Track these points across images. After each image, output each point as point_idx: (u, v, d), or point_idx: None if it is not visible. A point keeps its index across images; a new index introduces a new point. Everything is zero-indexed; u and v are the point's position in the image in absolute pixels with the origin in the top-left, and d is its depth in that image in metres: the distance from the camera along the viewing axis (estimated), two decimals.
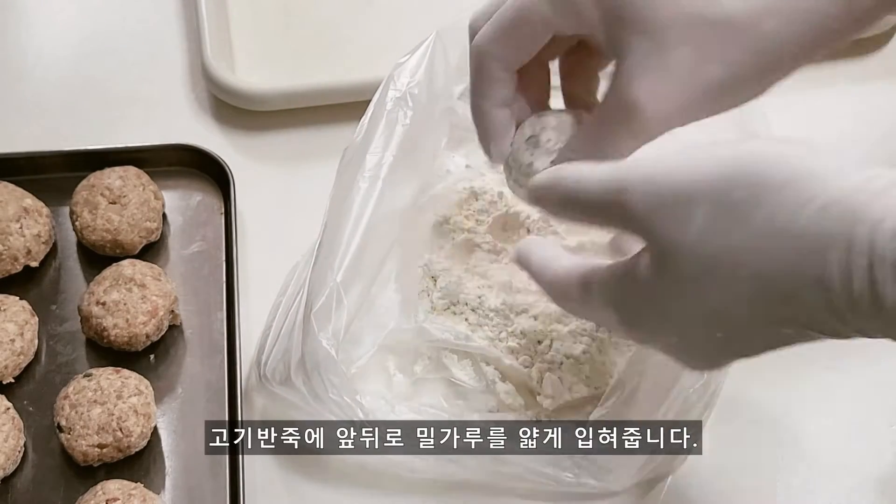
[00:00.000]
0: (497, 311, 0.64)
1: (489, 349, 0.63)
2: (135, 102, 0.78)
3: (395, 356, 0.64)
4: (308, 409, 0.58)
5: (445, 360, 0.64)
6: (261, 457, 0.61)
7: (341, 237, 0.60)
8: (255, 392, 0.63)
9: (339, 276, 0.59)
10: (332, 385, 0.57)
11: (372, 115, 0.64)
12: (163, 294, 0.64)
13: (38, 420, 0.62)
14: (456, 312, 0.65)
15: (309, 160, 0.74)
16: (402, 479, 0.60)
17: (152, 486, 0.59)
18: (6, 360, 0.62)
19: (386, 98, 0.64)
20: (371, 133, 0.63)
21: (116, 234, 0.66)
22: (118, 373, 0.61)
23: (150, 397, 0.61)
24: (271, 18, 0.83)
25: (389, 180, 0.62)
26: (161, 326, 0.64)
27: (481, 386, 0.63)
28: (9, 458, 0.59)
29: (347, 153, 0.63)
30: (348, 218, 0.60)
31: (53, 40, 0.82)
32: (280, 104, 0.76)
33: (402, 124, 0.63)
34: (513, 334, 0.63)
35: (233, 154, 0.73)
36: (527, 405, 0.62)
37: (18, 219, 0.66)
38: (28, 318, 0.64)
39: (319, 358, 0.57)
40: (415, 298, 0.66)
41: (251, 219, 0.71)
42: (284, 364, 0.59)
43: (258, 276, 0.68)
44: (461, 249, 0.68)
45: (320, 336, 0.57)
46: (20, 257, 0.66)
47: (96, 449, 0.59)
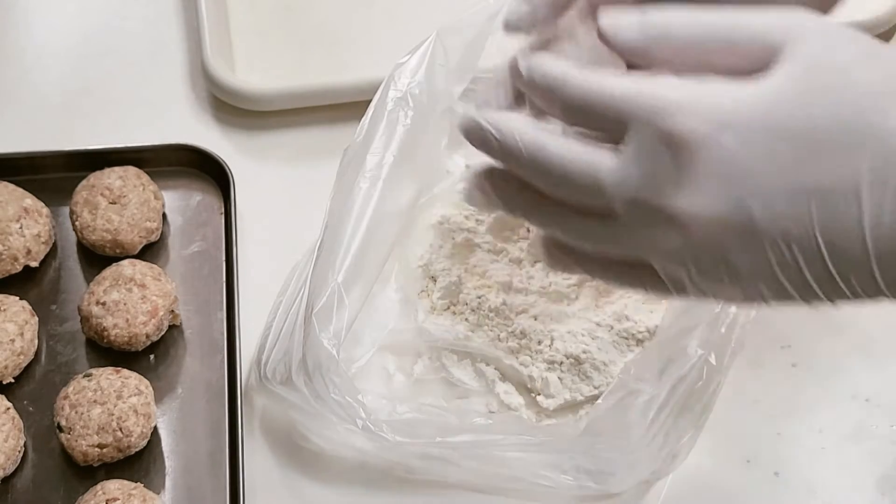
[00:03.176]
0: (497, 310, 0.64)
1: (489, 349, 0.63)
2: (135, 102, 0.78)
3: (395, 356, 0.64)
4: (309, 409, 0.58)
5: (445, 360, 0.64)
6: (261, 457, 0.61)
7: (342, 237, 0.60)
8: (255, 392, 0.63)
9: (340, 276, 0.59)
10: (333, 385, 0.57)
11: (372, 115, 0.64)
12: (163, 294, 0.64)
13: (38, 420, 0.62)
14: (456, 312, 0.65)
15: (309, 160, 0.74)
16: (401, 479, 0.60)
17: (152, 486, 0.59)
18: (6, 360, 0.62)
19: (386, 98, 0.64)
20: (371, 133, 0.63)
21: (116, 234, 0.66)
22: (118, 373, 0.61)
23: (150, 397, 0.61)
24: (271, 18, 0.83)
25: (390, 180, 0.62)
26: (161, 326, 0.64)
27: (481, 386, 0.63)
28: (9, 458, 0.59)
29: (348, 153, 0.63)
30: (349, 218, 0.60)
31: (53, 40, 0.82)
32: (280, 104, 0.76)
33: (403, 124, 0.63)
34: (513, 334, 0.63)
35: (233, 154, 0.73)
36: (527, 405, 0.62)
37: (18, 219, 0.66)
38: (28, 318, 0.64)
39: (321, 358, 0.57)
40: (415, 298, 0.66)
41: (251, 219, 0.71)
42: (285, 364, 0.59)
43: (258, 276, 0.68)
44: (461, 249, 0.68)
45: (321, 336, 0.57)
46: (20, 257, 0.66)
47: (96, 449, 0.59)
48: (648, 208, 0.42)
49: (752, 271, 0.42)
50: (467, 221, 0.69)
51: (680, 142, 0.41)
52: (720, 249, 0.42)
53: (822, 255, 0.41)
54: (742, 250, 0.42)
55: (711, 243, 0.42)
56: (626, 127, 0.42)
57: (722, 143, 0.41)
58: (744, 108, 0.41)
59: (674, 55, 0.44)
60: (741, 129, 0.41)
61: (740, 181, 0.41)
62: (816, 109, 0.41)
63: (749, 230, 0.41)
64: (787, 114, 0.41)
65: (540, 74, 0.45)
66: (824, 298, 0.42)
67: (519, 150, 0.45)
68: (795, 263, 0.41)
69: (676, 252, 0.43)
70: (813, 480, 0.62)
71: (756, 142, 0.41)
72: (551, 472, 0.58)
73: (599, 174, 0.43)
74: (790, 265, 0.41)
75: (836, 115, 0.40)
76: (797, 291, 0.42)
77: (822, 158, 0.40)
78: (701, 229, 0.42)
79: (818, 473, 0.62)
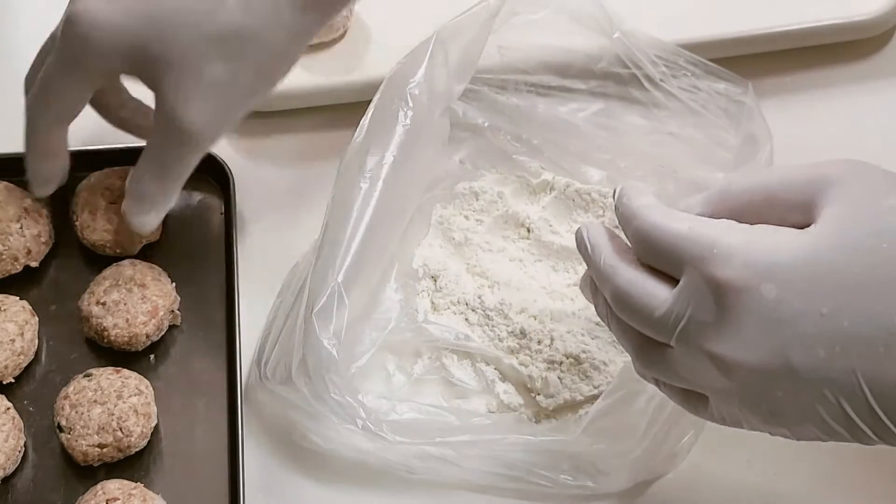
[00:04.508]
0: (497, 310, 0.64)
1: (489, 349, 0.63)
2: None
3: (395, 356, 0.64)
4: (309, 409, 0.58)
5: (445, 360, 0.64)
6: (261, 457, 0.61)
7: (342, 237, 0.60)
8: (255, 392, 0.63)
9: (340, 276, 0.59)
10: (333, 385, 0.57)
11: (372, 115, 0.64)
12: (163, 294, 0.64)
13: (38, 420, 0.62)
14: (456, 312, 0.65)
15: (309, 160, 0.74)
16: (401, 479, 0.60)
17: (152, 486, 0.59)
18: (6, 360, 0.62)
19: (386, 98, 0.64)
20: (371, 133, 0.63)
21: (116, 234, 0.66)
22: (118, 373, 0.61)
23: (150, 397, 0.61)
24: None
25: (389, 180, 0.62)
26: (161, 326, 0.64)
27: (481, 386, 0.63)
28: (9, 458, 0.59)
29: (348, 153, 0.63)
30: (349, 218, 0.60)
31: None
32: (280, 104, 0.76)
33: (403, 125, 0.63)
34: (512, 334, 0.63)
35: (233, 154, 0.73)
36: (526, 405, 0.62)
37: (18, 219, 0.66)
38: (28, 318, 0.63)
39: (321, 358, 0.57)
40: (415, 298, 0.66)
41: (251, 219, 0.71)
42: (285, 364, 0.59)
43: (258, 276, 0.68)
44: (461, 249, 0.68)
45: (322, 336, 0.57)
46: (20, 257, 0.66)
47: (96, 449, 0.59)
48: (695, 348, 0.44)
49: (798, 414, 0.43)
50: (467, 221, 0.69)
51: (724, 288, 0.43)
52: (764, 393, 0.43)
53: (868, 399, 0.41)
54: (786, 395, 0.43)
55: (755, 387, 0.43)
56: (682, 268, 0.45)
57: (763, 292, 0.42)
58: (785, 258, 0.42)
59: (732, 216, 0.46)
60: (782, 278, 0.42)
61: (781, 329, 0.42)
62: (854, 259, 0.42)
63: (791, 376, 0.42)
64: (826, 263, 0.42)
65: (624, 202, 0.49)
66: (876, 439, 0.43)
67: (598, 268, 0.49)
68: (841, 408, 0.42)
69: (724, 390, 0.44)
70: (813, 480, 0.62)
71: (796, 291, 0.42)
72: (551, 471, 0.58)
73: (653, 307, 0.46)
74: (836, 409, 0.42)
75: (873, 264, 0.41)
76: (847, 432, 0.43)
77: (860, 306, 0.41)
78: (744, 374, 0.43)
79: (818, 473, 0.62)
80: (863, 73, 0.78)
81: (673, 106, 0.67)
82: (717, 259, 0.43)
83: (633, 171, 0.69)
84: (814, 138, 0.73)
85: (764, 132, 0.64)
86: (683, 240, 0.45)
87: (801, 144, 0.70)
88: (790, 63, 0.77)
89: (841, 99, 0.77)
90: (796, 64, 0.77)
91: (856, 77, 0.78)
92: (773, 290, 0.42)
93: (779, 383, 0.43)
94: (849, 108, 0.77)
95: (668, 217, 0.47)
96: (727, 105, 0.67)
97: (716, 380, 0.44)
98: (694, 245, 0.44)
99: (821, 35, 0.76)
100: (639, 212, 0.47)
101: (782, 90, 0.77)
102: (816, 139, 0.73)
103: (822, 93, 0.77)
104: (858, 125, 0.75)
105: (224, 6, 0.56)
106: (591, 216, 0.68)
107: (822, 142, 0.73)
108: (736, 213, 0.46)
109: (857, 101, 0.77)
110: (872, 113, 0.76)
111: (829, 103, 0.77)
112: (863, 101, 0.77)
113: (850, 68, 0.78)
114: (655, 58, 0.67)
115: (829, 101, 0.77)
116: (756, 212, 0.46)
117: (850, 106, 0.77)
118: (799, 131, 0.72)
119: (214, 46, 0.56)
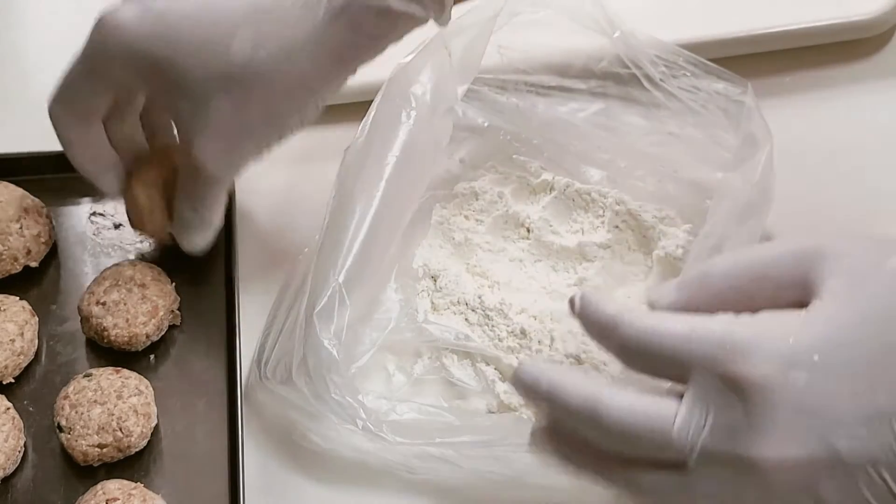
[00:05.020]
0: (497, 310, 0.64)
1: (489, 349, 0.63)
2: None
3: (395, 356, 0.64)
4: (309, 409, 0.58)
5: (445, 360, 0.64)
6: (261, 457, 0.61)
7: (343, 237, 0.60)
8: (255, 392, 0.63)
9: (341, 276, 0.59)
10: (334, 385, 0.57)
11: (374, 115, 0.64)
12: (163, 294, 0.64)
13: (38, 420, 0.62)
14: (456, 312, 0.65)
15: (310, 160, 0.74)
16: (401, 480, 0.60)
17: (152, 486, 0.59)
18: (6, 360, 0.62)
19: (388, 98, 0.64)
20: (373, 133, 0.63)
21: None
22: (118, 373, 0.61)
23: (150, 397, 0.61)
24: None
25: (391, 180, 0.62)
26: (161, 326, 0.64)
27: (481, 386, 0.63)
28: (9, 458, 0.59)
29: (349, 153, 0.63)
30: (350, 218, 0.60)
31: (53, 40, 0.82)
32: None
33: (404, 124, 0.63)
34: (512, 334, 0.63)
35: None
36: (526, 405, 0.62)
37: (18, 219, 0.66)
38: (28, 318, 0.63)
39: (322, 358, 0.57)
40: (415, 298, 0.66)
41: (251, 219, 0.71)
42: (285, 364, 0.59)
43: (258, 276, 0.68)
44: (461, 249, 0.68)
45: (322, 336, 0.57)
46: (20, 257, 0.66)
47: (96, 449, 0.59)
48: (723, 459, 0.41)
49: (840, 498, 0.41)
50: (467, 221, 0.69)
51: (748, 386, 0.40)
52: (806, 487, 0.41)
53: None
54: (830, 482, 0.41)
55: (795, 484, 0.41)
56: (688, 373, 0.41)
57: (792, 383, 0.40)
58: (806, 341, 0.40)
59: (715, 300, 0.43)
60: (808, 363, 0.40)
61: (819, 417, 0.40)
62: (876, 329, 0.40)
63: (836, 462, 0.40)
64: (850, 338, 0.40)
65: (591, 311, 0.44)
66: None
67: (575, 409, 0.43)
68: (885, 483, 0.40)
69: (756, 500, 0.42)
70: None
71: (825, 374, 0.40)
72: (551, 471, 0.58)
73: (665, 427, 0.42)
74: (880, 486, 0.40)
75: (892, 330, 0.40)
76: None
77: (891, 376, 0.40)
78: (784, 472, 0.41)
79: None
80: (863, 73, 0.78)
81: (673, 106, 0.67)
82: (733, 356, 0.40)
83: (632, 171, 0.69)
84: (814, 138, 0.73)
85: (764, 132, 0.64)
86: (687, 342, 0.41)
87: (801, 144, 0.70)
88: (790, 63, 0.77)
89: (841, 99, 0.77)
90: (796, 64, 0.77)
91: (856, 77, 0.78)
92: (801, 378, 0.40)
93: (823, 472, 0.40)
94: (849, 108, 0.76)
95: (660, 320, 0.43)
96: (727, 105, 0.67)
97: (745, 488, 0.41)
98: (700, 346, 0.41)
99: (821, 35, 0.76)
100: (620, 319, 0.43)
101: (782, 90, 0.76)
102: (816, 139, 0.73)
103: (822, 93, 0.77)
104: (858, 125, 0.75)
105: (237, 40, 0.55)
106: (591, 216, 0.68)
107: (822, 142, 0.73)
108: (719, 297, 0.44)
109: (857, 101, 0.77)
110: (872, 113, 0.76)
111: (829, 103, 0.77)
112: (863, 101, 0.77)
113: (850, 68, 0.78)
114: (655, 58, 0.67)
115: (829, 101, 0.77)
116: (743, 294, 0.43)
117: (850, 106, 0.77)
118: (799, 131, 0.72)
119: (221, 80, 0.55)
